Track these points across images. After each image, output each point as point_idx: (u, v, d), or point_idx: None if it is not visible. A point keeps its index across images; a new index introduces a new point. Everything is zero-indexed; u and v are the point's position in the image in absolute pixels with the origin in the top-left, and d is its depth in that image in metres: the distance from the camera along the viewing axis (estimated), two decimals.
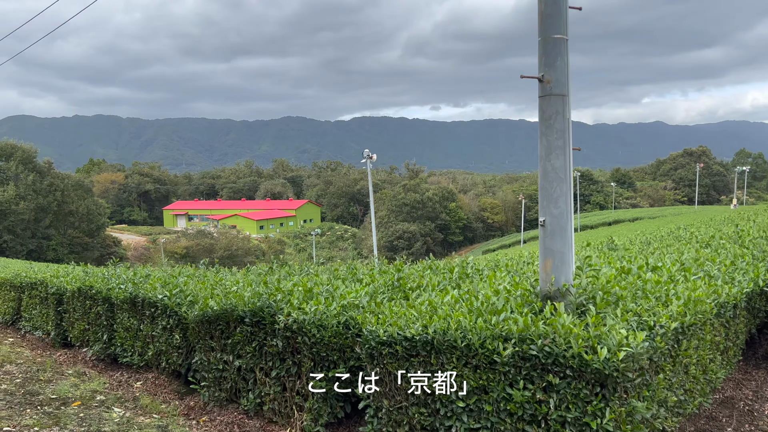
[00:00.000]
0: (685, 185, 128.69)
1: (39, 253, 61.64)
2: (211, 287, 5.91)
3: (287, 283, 5.22)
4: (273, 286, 4.98)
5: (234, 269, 9.30)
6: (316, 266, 8.88)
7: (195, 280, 6.48)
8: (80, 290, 7.90)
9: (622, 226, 57.28)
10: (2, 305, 10.71)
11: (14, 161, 62.39)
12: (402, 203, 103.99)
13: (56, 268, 10.43)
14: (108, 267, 9.05)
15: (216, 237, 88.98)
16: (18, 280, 10.16)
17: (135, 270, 8.26)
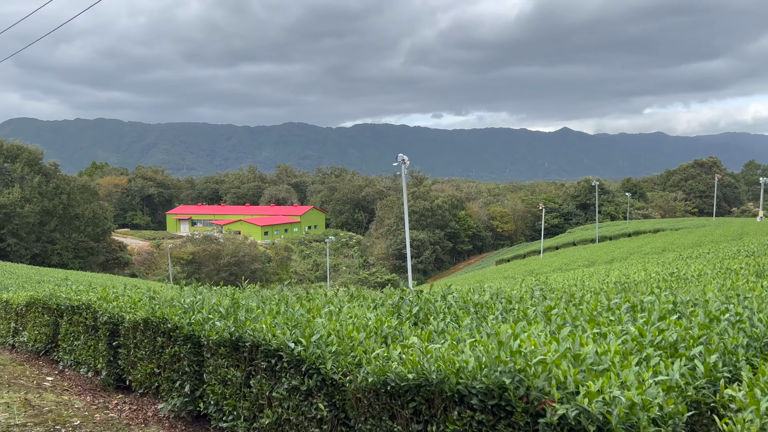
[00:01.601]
0: (696, 196, 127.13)
1: (43, 258, 59.82)
2: (375, 332, 4.24)
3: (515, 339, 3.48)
4: (509, 348, 3.23)
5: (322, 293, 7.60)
6: (354, 287, 7.18)
7: (328, 319, 4.76)
8: (148, 323, 6.18)
9: (643, 238, 55.57)
10: (33, 330, 8.98)
11: (20, 163, 60.59)
12: (411, 210, 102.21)
13: (103, 287, 8.70)
14: (183, 288, 7.35)
15: (222, 243, 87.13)
16: (54, 301, 8.43)
17: (226, 291, 6.53)
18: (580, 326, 4.25)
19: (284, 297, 6.80)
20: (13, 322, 9.99)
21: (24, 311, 9.54)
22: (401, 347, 3.84)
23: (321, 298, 7.37)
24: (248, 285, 8.99)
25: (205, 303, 6.03)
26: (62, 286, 9.44)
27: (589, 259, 38.83)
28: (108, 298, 7.49)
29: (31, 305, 9.27)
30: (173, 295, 6.68)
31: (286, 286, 8.24)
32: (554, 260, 47.59)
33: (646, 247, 39.38)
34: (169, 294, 6.92)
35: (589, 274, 19.49)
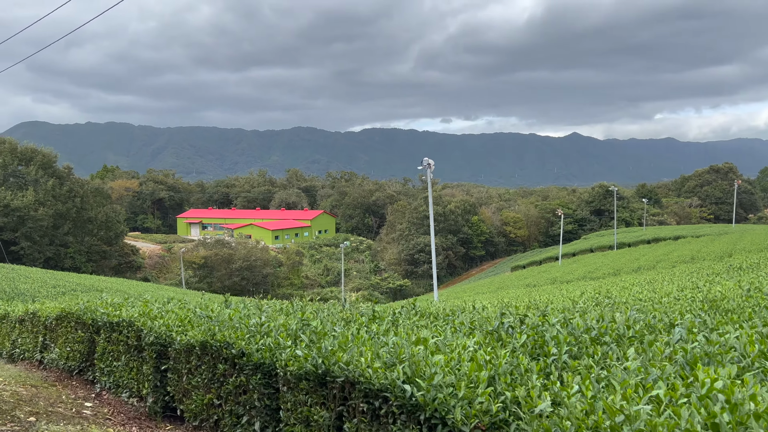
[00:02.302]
0: (712, 202, 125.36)
1: (56, 261, 59.49)
2: (497, 370, 3.45)
3: None
4: None
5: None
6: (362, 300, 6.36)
7: (435, 351, 3.99)
8: (206, 347, 5.44)
9: (665, 246, 54.38)
10: (65, 347, 8.27)
11: (34, 166, 60.37)
12: (423, 216, 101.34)
13: (144, 300, 7.97)
14: (228, 300, 6.60)
15: (234, 247, 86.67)
16: (89, 316, 7.71)
17: (289, 309, 5.75)
18: None
19: (355, 317, 6.04)
20: (41, 335, 9.30)
21: (54, 325, 8.84)
22: (550, 395, 3.06)
23: (388, 317, 6.61)
24: (303, 299, 8.25)
25: (272, 325, 5.28)
26: (96, 298, 8.73)
27: (614, 268, 37.79)
28: (152, 315, 6.76)
29: (62, 319, 8.57)
30: (232, 313, 5.92)
31: (348, 303, 7.51)
32: (574, 267, 46.57)
33: (671, 256, 38.29)
34: (224, 311, 6.17)
35: (628, 283, 18.55)
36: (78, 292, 32.69)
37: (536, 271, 56.03)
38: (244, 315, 5.93)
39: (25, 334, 10.06)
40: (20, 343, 10.19)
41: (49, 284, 33.36)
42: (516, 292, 31.74)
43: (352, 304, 7.49)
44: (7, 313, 11.19)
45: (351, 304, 7.47)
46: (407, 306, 8.04)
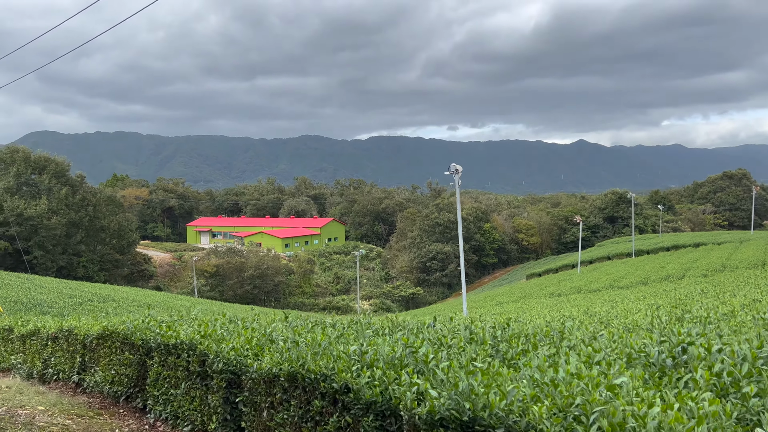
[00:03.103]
0: (726, 209, 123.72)
1: (69, 270, 59.00)
2: None
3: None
4: None
5: None
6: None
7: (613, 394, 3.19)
8: (295, 378, 4.65)
9: (688, 253, 53.21)
10: (109, 369, 7.49)
11: (47, 174, 60.03)
12: (435, 223, 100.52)
13: (203, 321, 7.17)
14: (311, 321, 5.79)
15: (246, 255, 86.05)
16: (138, 336, 6.94)
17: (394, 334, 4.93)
18: None
19: (449, 339, 5.24)
20: (79, 356, 8.54)
21: (95, 345, 8.08)
22: None
23: (489, 341, 5.80)
24: (365, 315, 7.50)
25: (378, 352, 4.49)
26: (142, 316, 7.94)
27: (640, 276, 36.70)
28: (216, 336, 5.98)
29: (104, 338, 7.80)
30: (321, 337, 5.12)
31: (428, 325, 6.72)
32: (597, 276, 45.48)
33: (700, 264, 37.18)
34: (313, 335, 5.37)
35: (680, 294, 17.56)
36: (95, 302, 32.07)
37: (555, 279, 54.92)
38: (334, 339, 5.14)
39: (59, 353, 9.31)
40: (54, 362, 9.44)
41: (65, 294, 32.73)
42: (545, 302, 30.76)
43: (364, 313, 6.71)
44: (37, 329, 10.46)
45: (363, 313, 6.68)
46: (480, 323, 7.23)
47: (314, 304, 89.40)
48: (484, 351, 5.10)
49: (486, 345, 5.49)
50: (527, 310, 25.43)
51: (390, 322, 7.35)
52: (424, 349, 4.54)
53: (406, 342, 4.69)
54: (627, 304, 15.55)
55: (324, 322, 7.34)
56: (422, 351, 4.52)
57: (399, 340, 4.97)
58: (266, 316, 9.09)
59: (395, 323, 7.00)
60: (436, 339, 5.77)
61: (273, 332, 6.12)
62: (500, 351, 5.47)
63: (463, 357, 4.91)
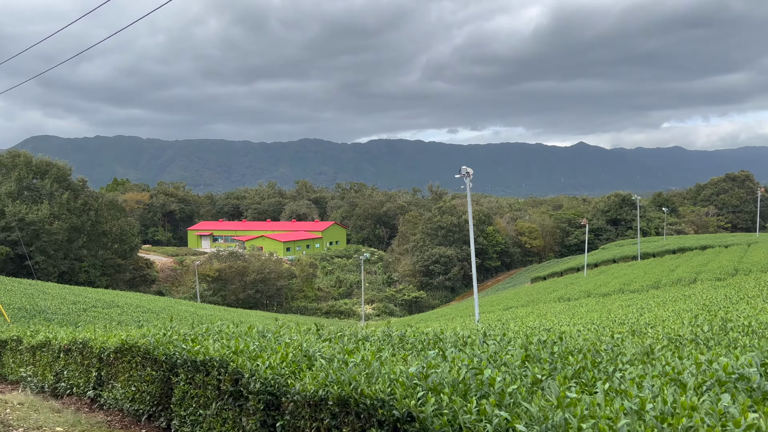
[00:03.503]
0: (729, 211, 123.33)
1: (71, 275, 58.53)
2: None
3: None
4: None
5: None
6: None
7: None
8: (346, 404, 4.22)
9: (696, 256, 52.77)
10: (129, 386, 7.04)
11: (49, 179, 59.62)
12: (438, 226, 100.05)
13: (231, 335, 6.73)
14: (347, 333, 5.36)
15: (248, 259, 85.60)
16: (162, 351, 6.51)
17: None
18: None
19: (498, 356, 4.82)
20: (95, 370, 8.11)
21: (113, 359, 7.65)
22: None
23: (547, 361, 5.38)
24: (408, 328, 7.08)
25: (439, 375, 4.07)
26: (163, 328, 7.49)
27: (651, 280, 36.24)
28: (249, 353, 5.55)
29: (123, 352, 7.37)
30: (370, 356, 4.69)
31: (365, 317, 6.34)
32: (605, 279, 45.01)
33: (711, 267, 36.72)
34: (362, 353, 4.94)
35: (707, 301, 17.08)
36: (99, 308, 31.63)
37: (561, 282, 54.45)
38: (385, 359, 4.72)
39: (72, 367, 8.88)
40: (67, 376, 9.01)
41: (69, 300, 32.30)
42: (556, 307, 30.30)
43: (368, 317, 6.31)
44: (48, 341, 10.02)
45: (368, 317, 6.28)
46: (528, 336, 6.81)
47: (317, 308, 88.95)
48: (543, 369, 4.69)
49: (545, 363, 5.08)
50: (539, 315, 24.96)
51: (430, 336, 6.93)
52: (490, 371, 4.12)
53: (470, 363, 4.27)
54: (655, 311, 15.05)
55: (356, 335, 6.93)
56: (487, 374, 4.11)
57: (456, 359, 4.56)
58: (290, 327, 8.65)
59: (437, 336, 6.59)
60: (487, 356, 5.36)
61: (309, 347, 5.71)
62: (557, 369, 5.06)
63: (527, 378, 4.51)
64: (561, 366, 5.08)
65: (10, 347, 11.84)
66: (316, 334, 6.83)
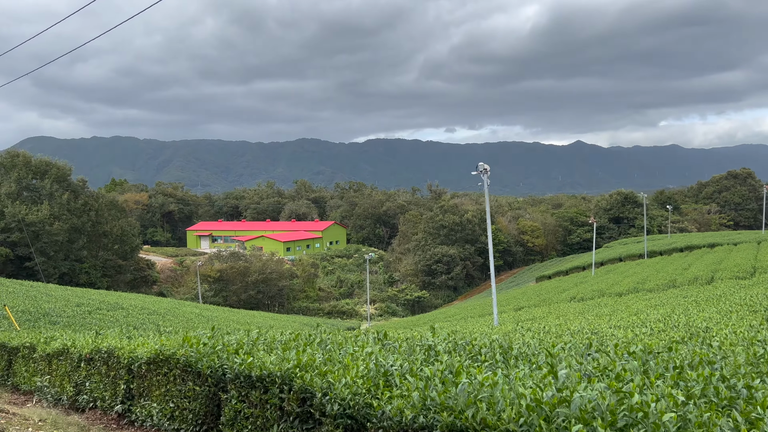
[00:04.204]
0: (731, 209, 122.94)
1: (71, 276, 57.65)
2: None
3: None
4: None
5: None
6: None
7: None
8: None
9: (707, 254, 52.17)
10: (167, 402, 6.29)
11: (49, 179, 58.67)
12: (440, 225, 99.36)
13: (289, 346, 5.99)
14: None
15: (249, 259, 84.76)
16: (206, 364, 5.78)
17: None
18: None
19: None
20: (124, 382, 7.38)
21: (145, 371, 6.91)
22: None
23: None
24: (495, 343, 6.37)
25: (581, 400, 3.35)
26: (205, 335, 6.72)
27: (665, 279, 35.53)
28: (319, 368, 4.83)
29: (158, 364, 6.63)
30: (477, 374, 3.98)
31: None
32: (615, 278, 44.33)
33: (726, 266, 36.03)
34: (467, 372, 4.22)
35: (748, 301, 16.34)
36: (104, 311, 30.86)
37: (569, 282, 53.78)
38: (502, 377, 3.98)
39: (96, 378, 8.14)
40: (89, 388, 8.27)
41: (72, 302, 31.50)
42: (572, 307, 29.59)
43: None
44: (65, 348, 9.29)
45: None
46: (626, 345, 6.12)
47: (319, 308, 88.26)
48: (688, 390, 3.98)
49: (672, 379, 4.36)
50: (559, 315, 24.25)
51: (503, 346, 6.22)
52: (638, 397, 3.41)
53: (613, 386, 3.55)
54: (693, 312, 14.33)
55: (425, 344, 6.21)
56: (636, 399, 3.40)
57: (601, 386, 3.85)
58: (334, 332, 7.93)
59: (546, 350, 5.88)
60: (594, 371, 4.65)
61: (385, 361, 4.98)
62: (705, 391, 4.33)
63: (667, 400, 3.79)
64: (700, 384, 4.28)
65: (22, 355, 11.09)
66: (379, 343, 6.12)
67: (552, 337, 10.83)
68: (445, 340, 6.60)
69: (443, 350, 6.08)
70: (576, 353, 5.02)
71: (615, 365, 4.62)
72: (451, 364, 5.11)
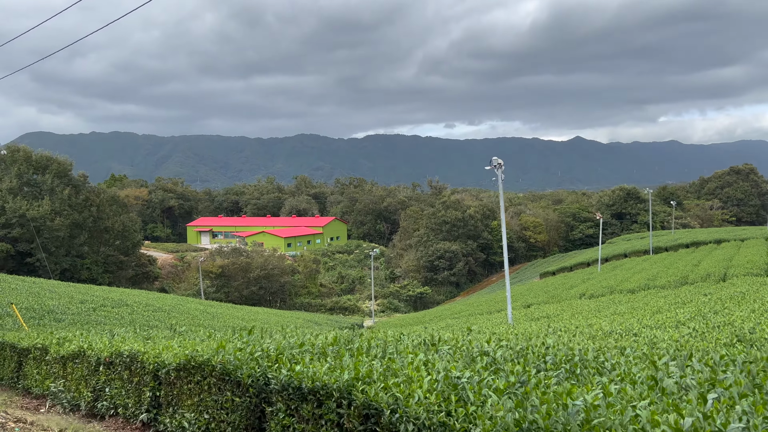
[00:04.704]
0: (734, 204, 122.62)
1: (72, 272, 57.09)
2: None
3: None
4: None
5: None
6: None
7: None
8: None
9: (715, 251, 51.77)
10: (201, 412, 5.77)
11: (49, 174, 58.04)
12: (442, 221, 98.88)
13: (322, 343, 5.48)
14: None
15: (251, 255, 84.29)
16: (246, 372, 5.27)
17: None
18: None
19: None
20: (149, 389, 6.88)
21: (174, 378, 6.41)
22: None
23: None
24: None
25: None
26: (242, 340, 6.20)
27: (676, 275, 35.07)
28: (383, 381, 4.32)
29: (190, 371, 6.13)
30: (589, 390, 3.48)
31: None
32: (624, 275, 43.89)
33: (737, 261, 35.58)
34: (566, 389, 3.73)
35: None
36: (108, 308, 30.37)
37: (575, 278, 53.29)
38: (617, 396, 3.48)
39: (117, 383, 7.64)
40: (109, 394, 7.78)
41: (76, 299, 31.01)
42: (586, 305, 29.10)
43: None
44: (81, 351, 8.79)
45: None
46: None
47: (321, 304, 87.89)
48: None
49: None
50: (576, 313, 23.79)
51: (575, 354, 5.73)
52: None
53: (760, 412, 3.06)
54: (730, 310, 13.86)
55: (481, 350, 5.73)
56: None
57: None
58: (377, 333, 7.44)
59: (649, 360, 5.39)
60: (699, 385, 4.16)
61: (453, 372, 4.49)
62: None
63: None
64: None
65: (33, 356, 10.59)
66: (433, 349, 5.63)
67: (585, 338, 10.34)
68: (498, 346, 6.12)
69: (501, 357, 5.60)
70: (677, 364, 4.52)
71: (715, 377, 4.13)
72: (521, 376, 4.63)
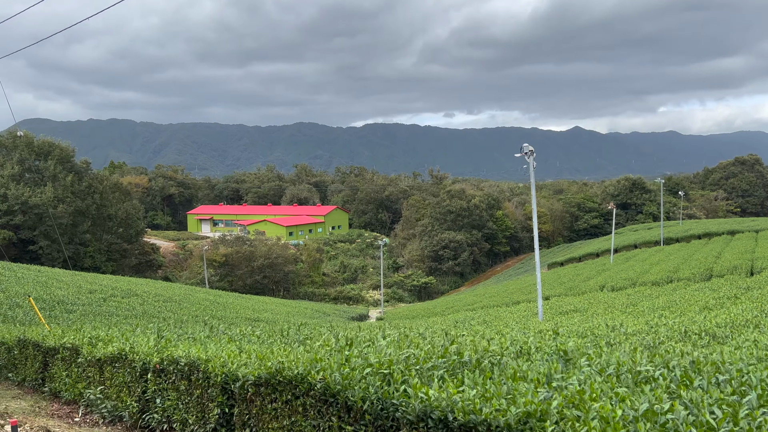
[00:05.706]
0: (738, 195, 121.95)
1: (75, 260, 56.04)
2: None
3: None
4: None
5: None
6: None
7: None
8: None
9: (732, 241, 50.94)
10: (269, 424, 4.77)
11: (52, 160, 56.74)
12: (447, 210, 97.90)
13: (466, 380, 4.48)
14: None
15: (254, 244, 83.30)
16: (359, 394, 4.30)
17: None
18: None
19: None
20: (217, 406, 5.86)
21: (251, 394, 5.40)
22: None
23: None
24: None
25: None
26: (340, 346, 5.23)
27: (699, 268, 34.16)
28: (568, 416, 3.38)
29: (276, 388, 5.10)
30: None
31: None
32: (641, 267, 42.95)
33: (762, 254, 34.69)
34: None
35: None
36: (118, 298, 29.42)
37: (589, 269, 52.35)
38: None
39: (172, 394, 6.68)
40: (161, 406, 6.82)
41: (85, 289, 30.03)
42: (613, 298, 28.14)
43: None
44: (123, 353, 7.83)
45: None
46: None
47: (325, 294, 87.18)
48: None
49: None
50: (608, 308, 22.86)
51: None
52: None
53: None
54: None
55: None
56: None
57: None
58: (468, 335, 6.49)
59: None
60: None
61: (632, 401, 3.54)
62: None
63: None
64: None
65: (61, 357, 9.62)
66: (572, 366, 4.65)
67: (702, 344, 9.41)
68: (650, 362, 5.15)
69: (662, 377, 4.63)
70: None
71: None
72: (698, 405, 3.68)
